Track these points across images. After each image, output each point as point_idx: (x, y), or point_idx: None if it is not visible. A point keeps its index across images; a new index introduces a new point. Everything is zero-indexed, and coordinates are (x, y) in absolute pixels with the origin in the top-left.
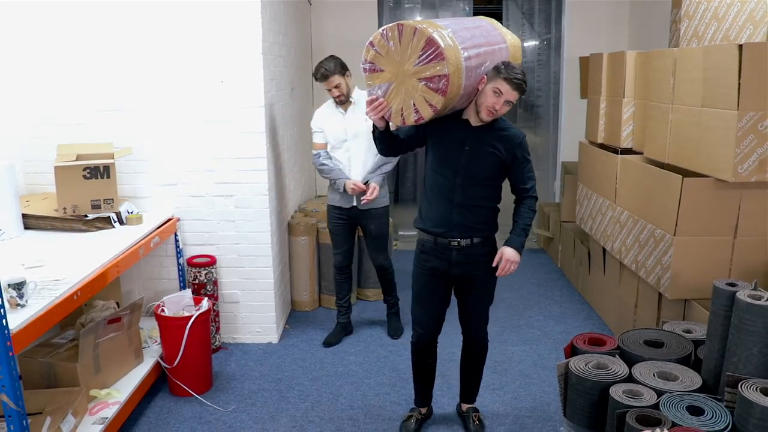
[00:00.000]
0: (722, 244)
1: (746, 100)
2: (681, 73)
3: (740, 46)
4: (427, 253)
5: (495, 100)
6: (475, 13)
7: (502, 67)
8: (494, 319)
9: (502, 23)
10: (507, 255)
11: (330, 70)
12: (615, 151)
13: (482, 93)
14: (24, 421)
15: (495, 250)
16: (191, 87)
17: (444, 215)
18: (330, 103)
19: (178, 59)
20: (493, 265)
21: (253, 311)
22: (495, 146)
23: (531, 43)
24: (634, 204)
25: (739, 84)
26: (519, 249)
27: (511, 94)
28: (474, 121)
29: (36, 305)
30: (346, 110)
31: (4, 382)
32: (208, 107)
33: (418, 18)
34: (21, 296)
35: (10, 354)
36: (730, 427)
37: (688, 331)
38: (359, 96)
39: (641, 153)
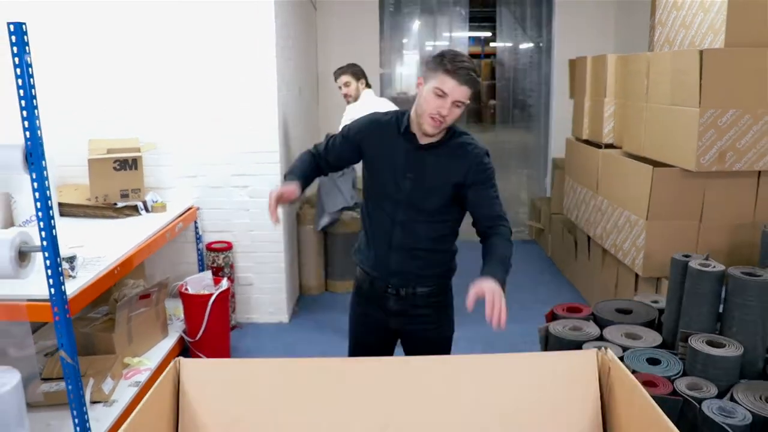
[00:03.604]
0: (689, 227)
1: (707, 99)
2: (653, 75)
3: (701, 52)
4: (362, 296)
5: (439, 103)
6: (471, 18)
7: (443, 57)
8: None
9: (495, 27)
10: (488, 286)
11: (342, 69)
12: (598, 146)
13: (420, 98)
14: (78, 374)
15: (446, 301)
16: (211, 87)
17: (380, 258)
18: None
19: (198, 62)
20: (468, 304)
21: (266, 293)
22: (446, 169)
23: (523, 47)
24: (613, 193)
25: (700, 85)
26: (501, 283)
27: (459, 91)
28: (421, 138)
29: (85, 277)
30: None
31: (63, 340)
32: (226, 106)
33: (417, 22)
34: (72, 268)
35: (68, 316)
36: (681, 373)
37: (656, 302)
38: (363, 102)
39: (621, 148)
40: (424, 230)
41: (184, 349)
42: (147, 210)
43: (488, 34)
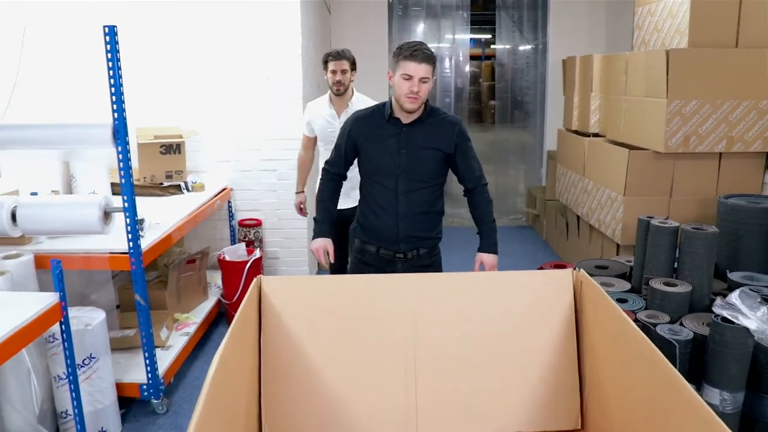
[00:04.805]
0: (660, 201)
1: (673, 92)
2: (631, 72)
3: (668, 52)
4: (369, 264)
5: (409, 84)
6: (473, 21)
7: (401, 49)
8: None
9: (495, 30)
10: (488, 262)
11: (344, 53)
12: (586, 135)
13: (394, 87)
14: (149, 315)
15: (439, 259)
16: (244, 81)
17: (390, 228)
18: (324, 100)
19: (233, 59)
20: (476, 269)
21: (290, 265)
22: (433, 140)
23: (521, 48)
24: (597, 175)
25: (667, 79)
26: (496, 251)
27: (420, 69)
28: (405, 119)
29: (151, 236)
30: (340, 115)
31: (138, 285)
32: (258, 98)
33: (422, 25)
34: (141, 229)
35: (142, 266)
36: (643, 308)
37: (629, 261)
38: (358, 101)
39: (605, 136)
40: (422, 196)
41: (221, 310)
42: (188, 189)
43: (488, 36)
